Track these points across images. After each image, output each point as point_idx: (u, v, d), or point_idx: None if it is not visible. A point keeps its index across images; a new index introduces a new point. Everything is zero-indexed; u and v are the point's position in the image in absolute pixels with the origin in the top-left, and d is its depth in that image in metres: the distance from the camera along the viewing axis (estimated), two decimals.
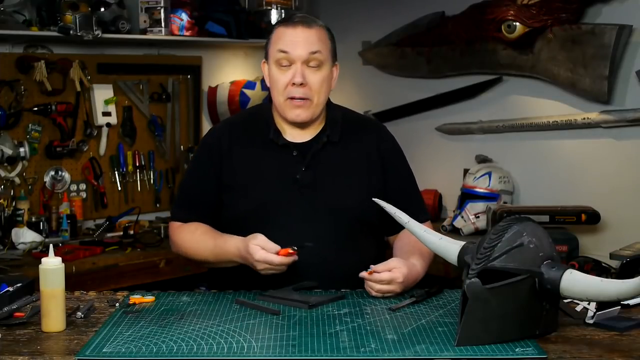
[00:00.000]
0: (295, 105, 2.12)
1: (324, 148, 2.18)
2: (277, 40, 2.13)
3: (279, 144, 2.17)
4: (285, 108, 2.13)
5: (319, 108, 2.15)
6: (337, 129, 2.21)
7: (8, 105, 3.52)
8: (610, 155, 3.39)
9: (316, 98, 2.12)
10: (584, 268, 2.65)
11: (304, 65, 2.10)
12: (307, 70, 2.11)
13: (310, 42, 2.11)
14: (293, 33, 2.11)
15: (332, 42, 2.18)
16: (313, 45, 2.11)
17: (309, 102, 2.12)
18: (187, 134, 4.19)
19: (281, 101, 2.13)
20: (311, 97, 2.12)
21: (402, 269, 1.98)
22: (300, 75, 2.09)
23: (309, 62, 2.11)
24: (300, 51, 2.10)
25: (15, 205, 3.48)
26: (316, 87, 2.11)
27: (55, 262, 1.75)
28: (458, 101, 3.97)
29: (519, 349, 1.59)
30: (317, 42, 2.12)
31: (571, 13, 3.36)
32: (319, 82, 2.12)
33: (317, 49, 2.11)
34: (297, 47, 2.10)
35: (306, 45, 2.10)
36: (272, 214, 2.13)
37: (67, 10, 3.46)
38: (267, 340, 1.66)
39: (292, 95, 2.11)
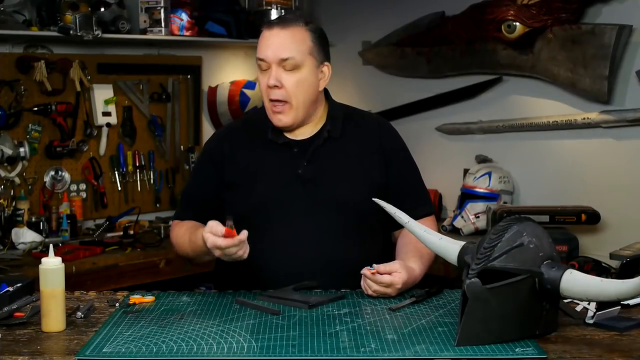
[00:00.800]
0: (276, 111, 2.13)
1: (325, 143, 2.19)
2: (259, 44, 2.15)
3: (279, 143, 2.18)
4: (269, 113, 2.15)
5: (300, 110, 2.14)
6: (338, 125, 2.21)
7: (8, 105, 3.52)
8: (610, 155, 3.39)
9: (294, 100, 2.12)
10: (584, 268, 2.65)
11: (280, 68, 2.10)
12: (283, 73, 2.10)
13: (282, 46, 2.09)
14: (268, 36, 2.12)
15: (315, 42, 2.14)
16: (284, 50, 2.09)
17: (288, 105, 2.12)
18: (187, 134, 4.19)
19: (267, 106, 2.16)
20: (288, 99, 2.11)
21: (402, 275, 1.98)
22: (274, 78, 2.10)
23: (283, 65, 2.10)
24: (271, 55, 2.10)
25: (15, 205, 3.48)
26: (292, 89, 2.11)
27: (55, 262, 1.75)
28: (458, 101, 3.97)
29: (519, 349, 1.59)
30: (289, 46, 2.09)
31: (571, 13, 3.36)
32: (294, 84, 2.10)
33: (288, 54, 2.09)
34: (268, 52, 2.10)
35: (277, 50, 2.09)
36: (275, 210, 2.14)
37: (67, 10, 3.46)
38: (267, 340, 1.66)
39: (271, 97, 2.12)
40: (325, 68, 2.18)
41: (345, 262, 2.09)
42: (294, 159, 2.17)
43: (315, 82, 2.15)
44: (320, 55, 2.15)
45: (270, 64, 2.10)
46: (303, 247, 2.10)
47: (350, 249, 2.13)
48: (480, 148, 3.86)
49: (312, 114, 2.19)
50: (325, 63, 2.18)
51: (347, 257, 2.10)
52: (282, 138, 2.18)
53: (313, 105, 2.17)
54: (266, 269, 2.11)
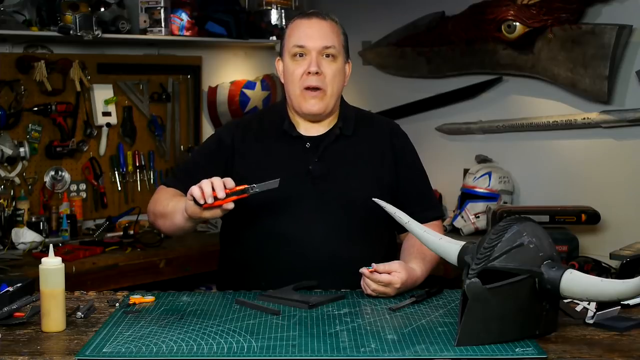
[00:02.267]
0: (311, 96, 2.15)
1: (336, 141, 2.20)
2: (292, 33, 2.18)
3: (292, 136, 2.19)
4: (300, 99, 2.16)
5: (332, 100, 2.17)
6: (351, 124, 2.24)
7: (8, 105, 3.52)
8: (610, 155, 3.39)
9: (330, 89, 2.15)
10: (584, 268, 2.65)
11: (319, 56, 2.15)
12: (322, 61, 2.15)
13: (325, 34, 2.16)
14: (308, 24, 2.17)
15: (345, 38, 2.23)
16: (327, 38, 2.16)
17: (323, 92, 2.15)
18: (187, 134, 4.19)
19: (297, 93, 2.16)
20: (325, 87, 2.15)
21: (401, 274, 1.98)
22: (316, 64, 2.13)
23: (324, 53, 2.15)
24: (315, 42, 2.14)
25: (15, 205, 3.48)
26: (330, 77, 2.15)
27: (55, 262, 1.75)
28: (458, 101, 3.97)
29: (519, 349, 1.59)
30: (330, 35, 2.17)
31: (571, 13, 3.36)
32: (333, 72, 2.16)
33: (331, 42, 2.16)
34: (312, 39, 2.15)
35: (320, 38, 2.15)
36: (283, 204, 2.14)
37: (67, 10, 3.46)
38: (267, 340, 1.66)
39: (307, 84, 2.14)
40: (348, 66, 2.24)
41: (351, 260, 2.09)
42: (305, 154, 2.18)
43: (344, 76, 2.22)
44: (347, 51, 2.23)
45: (310, 51, 2.14)
46: (310, 243, 2.10)
47: (356, 248, 2.13)
48: (480, 148, 3.86)
49: (334, 109, 2.22)
50: (349, 61, 2.25)
51: (353, 256, 2.10)
52: (295, 131, 2.20)
53: (339, 99, 2.22)
54: (272, 263, 2.12)
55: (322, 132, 2.21)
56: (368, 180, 2.18)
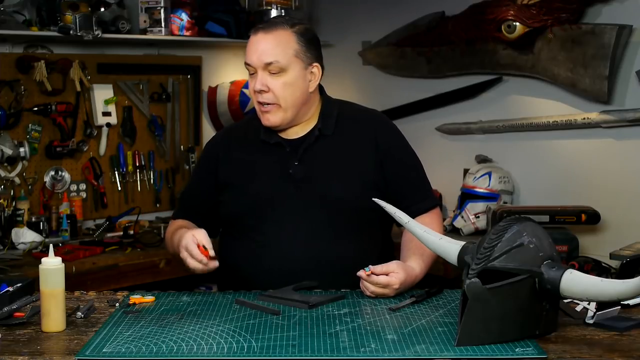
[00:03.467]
0: (263, 111, 2.15)
1: (316, 142, 2.19)
2: (246, 49, 2.16)
3: (271, 143, 2.19)
4: (260, 113, 2.17)
5: (291, 110, 2.14)
6: (331, 123, 2.21)
7: (8, 105, 3.52)
8: (610, 155, 3.39)
9: (282, 102, 2.12)
10: (584, 268, 2.65)
11: (265, 72, 2.11)
12: (268, 77, 2.11)
13: (266, 51, 2.10)
14: (253, 41, 2.13)
15: (302, 44, 2.13)
16: (267, 54, 2.10)
17: (277, 106, 2.13)
18: (187, 134, 4.19)
19: (256, 107, 2.18)
20: (276, 101, 2.12)
21: (400, 275, 1.98)
22: (260, 83, 2.11)
23: (268, 69, 2.11)
24: (255, 60, 2.11)
25: (15, 205, 3.48)
26: (279, 92, 2.11)
27: (55, 262, 1.75)
28: (458, 101, 3.97)
29: (519, 349, 1.59)
30: (273, 50, 2.10)
31: (571, 13, 3.36)
32: (280, 87, 2.11)
33: (272, 58, 2.09)
34: (253, 57, 2.12)
35: (261, 55, 2.10)
36: (266, 210, 2.15)
37: (67, 10, 3.46)
38: (267, 340, 1.66)
39: (259, 100, 2.14)
40: (315, 69, 2.17)
41: (339, 260, 2.09)
42: (285, 159, 2.17)
43: (304, 83, 2.15)
44: (308, 56, 2.14)
45: (257, 68, 2.12)
46: (295, 246, 2.10)
47: (344, 248, 2.12)
48: (480, 148, 3.86)
49: (303, 114, 2.19)
50: (314, 64, 2.16)
51: (341, 256, 2.10)
52: (274, 138, 2.20)
53: (305, 105, 2.18)
54: (260, 268, 2.13)
55: (301, 135, 2.20)
56: (351, 178, 2.16)
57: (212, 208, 2.26)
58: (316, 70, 2.17)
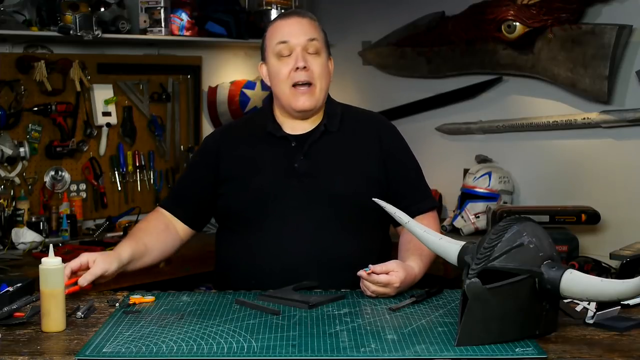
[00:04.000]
0: (301, 93, 2.15)
1: (322, 137, 2.20)
2: (274, 33, 2.19)
3: (277, 136, 2.19)
4: (290, 98, 2.16)
5: (322, 95, 2.18)
6: (336, 120, 2.23)
7: (8, 105, 3.52)
8: (610, 155, 3.39)
9: (319, 83, 2.16)
10: (584, 268, 2.65)
11: (304, 52, 2.15)
12: (308, 57, 2.16)
13: (306, 29, 2.17)
14: (288, 23, 2.18)
15: (325, 35, 2.23)
16: (309, 32, 2.17)
17: (313, 87, 2.16)
18: (187, 134, 4.19)
19: (286, 91, 2.16)
20: (314, 81, 2.15)
21: (400, 273, 1.98)
22: (302, 60, 2.14)
23: (308, 48, 2.16)
24: (299, 38, 2.15)
25: (15, 205, 3.48)
26: (318, 72, 2.16)
27: (55, 262, 1.75)
28: (458, 101, 3.97)
29: (519, 349, 1.59)
30: (312, 30, 2.18)
31: (571, 13, 3.36)
32: (319, 67, 2.17)
33: (314, 36, 2.17)
34: (295, 35, 2.16)
35: (303, 33, 2.16)
36: (270, 204, 2.14)
37: (67, 10, 3.46)
38: (267, 340, 1.66)
39: (296, 80, 2.14)
40: (330, 63, 2.24)
41: (341, 256, 2.09)
42: (290, 153, 2.18)
43: (329, 72, 2.22)
44: (327, 46, 2.23)
45: (294, 47, 2.15)
46: (298, 241, 2.10)
47: (346, 244, 2.12)
48: (480, 148, 3.86)
49: (323, 106, 2.22)
50: (330, 58, 2.25)
51: (342, 252, 2.10)
52: (280, 132, 2.20)
53: (327, 95, 2.23)
54: (261, 262, 2.12)
55: (308, 130, 2.21)
56: (354, 175, 2.17)
57: (204, 201, 2.25)
58: (331, 65, 2.24)
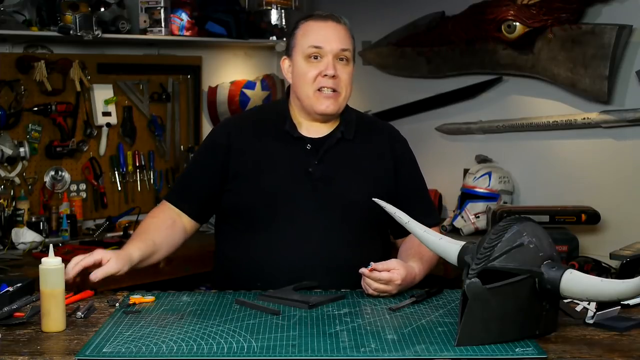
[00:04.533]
0: (325, 97, 2.15)
1: (337, 144, 2.20)
2: (307, 33, 2.17)
3: (293, 136, 2.18)
4: (313, 100, 2.16)
5: (344, 102, 2.19)
6: (352, 128, 2.23)
7: (8, 105, 3.53)
8: (610, 155, 3.39)
9: (344, 91, 2.17)
10: (584, 268, 2.65)
11: (335, 59, 2.15)
12: (338, 64, 2.15)
13: (341, 37, 2.17)
14: (324, 27, 2.17)
15: (354, 42, 2.23)
16: (343, 41, 2.17)
17: (338, 94, 2.16)
18: (187, 134, 4.19)
19: (309, 94, 2.15)
20: (340, 89, 2.15)
21: (401, 271, 1.98)
22: (333, 68, 2.14)
23: (339, 56, 2.15)
24: (332, 45, 2.15)
25: (15, 205, 3.48)
26: (345, 80, 2.16)
27: (55, 262, 1.75)
28: (458, 101, 3.97)
29: (519, 349, 1.59)
30: (346, 39, 2.18)
31: (571, 13, 3.36)
32: (348, 76, 2.17)
33: (347, 46, 2.17)
34: (329, 41, 2.15)
35: (338, 40, 2.16)
36: (282, 204, 2.14)
37: (67, 10, 3.46)
38: (267, 340, 1.66)
39: (322, 85, 2.14)
40: None
41: (348, 262, 2.09)
42: (305, 156, 2.17)
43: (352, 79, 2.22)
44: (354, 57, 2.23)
45: (326, 54, 2.14)
46: (307, 245, 2.10)
47: (353, 250, 2.13)
48: (480, 148, 3.86)
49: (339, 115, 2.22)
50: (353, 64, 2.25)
51: (350, 258, 2.10)
52: (297, 132, 2.19)
53: None
54: (268, 264, 2.11)
55: (324, 134, 2.21)
56: (368, 184, 2.18)
57: (211, 195, 2.21)
58: None
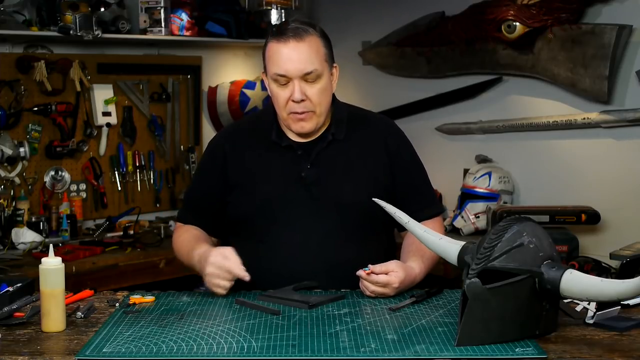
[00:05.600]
0: (298, 119, 2.11)
1: (329, 146, 2.18)
2: (271, 58, 2.09)
3: (282, 145, 2.17)
4: (289, 122, 2.12)
5: (322, 117, 2.14)
6: (343, 127, 2.20)
7: (8, 105, 3.53)
8: (610, 155, 3.39)
9: (318, 109, 2.11)
10: (584, 268, 2.65)
11: (302, 81, 2.07)
12: (305, 85, 2.07)
13: (304, 59, 2.06)
14: (286, 52, 2.06)
15: (327, 47, 2.12)
16: (307, 62, 2.06)
17: (312, 113, 2.11)
18: (187, 134, 4.19)
19: (284, 116, 2.12)
20: (313, 109, 2.10)
21: (399, 273, 1.98)
22: (299, 92, 2.06)
23: (306, 77, 2.07)
24: (294, 71, 2.05)
25: (15, 205, 3.49)
26: (316, 100, 2.09)
27: (55, 262, 1.75)
28: (458, 101, 3.97)
29: (519, 349, 1.59)
30: (309, 59, 2.06)
31: (571, 13, 3.36)
32: (317, 94, 2.09)
33: (312, 67, 2.06)
34: (291, 68, 2.05)
35: (300, 63, 2.05)
36: (277, 212, 2.13)
37: (67, 10, 3.46)
38: (267, 340, 1.66)
39: (293, 110, 2.09)
40: (335, 70, 2.17)
41: (348, 265, 2.08)
42: (297, 162, 2.16)
43: (331, 86, 2.15)
44: (331, 58, 2.14)
45: (292, 78, 2.06)
46: (305, 249, 2.10)
47: (353, 252, 2.12)
48: (480, 148, 3.86)
49: (327, 119, 2.18)
50: (334, 65, 2.17)
51: (349, 260, 2.09)
52: (285, 140, 2.17)
53: (329, 110, 2.17)
54: (268, 271, 2.10)
55: (313, 138, 2.18)
56: (362, 183, 2.16)
57: (222, 208, 2.22)
58: (335, 71, 2.17)
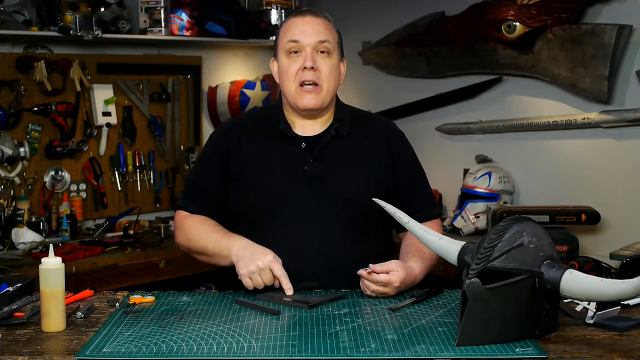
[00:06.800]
0: (307, 91, 2.15)
1: (332, 141, 2.20)
2: (287, 31, 2.19)
3: (288, 136, 2.19)
4: (296, 96, 2.16)
5: (328, 96, 2.18)
6: (346, 124, 2.24)
7: (8, 105, 3.53)
8: (610, 155, 3.39)
9: (326, 84, 2.16)
10: (584, 268, 2.65)
11: (314, 52, 2.15)
12: (317, 57, 2.16)
13: (319, 30, 2.17)
14: (302, 22, 2.18)
15: (339, 36, 2.23)
16: (321, 33, 2.17)
17: (319, 88, 2.16)
18: (187, 134, 4.19)
19: (292, 89, 2.16)
20: (321, 82, 2.15)
21: (400, 273, 1.98)
22: (311, 60, 2.14)
23: (318, 49, 2.16)
24: (309, 38, 2.15)
25: (15, 205, 3.48)
26: (326, 73, 2.16)
27: (55, 262, 1.75)
28: (458, 101, 3.97)
29: (519, 349, 1.59)
30: (324, 31, 2.18)
31: (571, 13, 3.36)
32: (328, 68, 2.16)
33: (326, 37, 2.17)
34: (306, 35, 2.16)
35: (315, 33, 2.16)
36: (279, 205, 2.14)
37: (67, 10, 3.46)
38: (267, 340, 1.66)
39: (303, 79, 2.15)
40: (343, 65, 2.25)
41: (348, 261, 2.09)
42: (300, 155, 2.17)
43: (339, 74, 2.23)
44: (341, 48, 2.24)
45: (304, 47, 2.15)
46: (305, 244, 2.10)
47: (352, 248, 2.13)
48: (480, 148, 3.86)
49: (329, 107, 2.22)
50: (343, 60, 2.26)
51: (349, 256, 2.10)
52: (291, 132, 2.20)
53: (334, 97, 2.23)
54: None
55: (318, 132, 2.21)
56: (364, 180, 2.18)
57: (224, 199, 2.22)
58: (343, 66, 2.25)
